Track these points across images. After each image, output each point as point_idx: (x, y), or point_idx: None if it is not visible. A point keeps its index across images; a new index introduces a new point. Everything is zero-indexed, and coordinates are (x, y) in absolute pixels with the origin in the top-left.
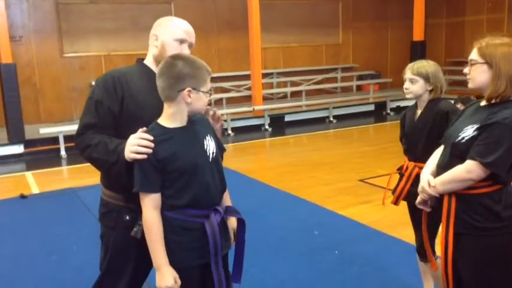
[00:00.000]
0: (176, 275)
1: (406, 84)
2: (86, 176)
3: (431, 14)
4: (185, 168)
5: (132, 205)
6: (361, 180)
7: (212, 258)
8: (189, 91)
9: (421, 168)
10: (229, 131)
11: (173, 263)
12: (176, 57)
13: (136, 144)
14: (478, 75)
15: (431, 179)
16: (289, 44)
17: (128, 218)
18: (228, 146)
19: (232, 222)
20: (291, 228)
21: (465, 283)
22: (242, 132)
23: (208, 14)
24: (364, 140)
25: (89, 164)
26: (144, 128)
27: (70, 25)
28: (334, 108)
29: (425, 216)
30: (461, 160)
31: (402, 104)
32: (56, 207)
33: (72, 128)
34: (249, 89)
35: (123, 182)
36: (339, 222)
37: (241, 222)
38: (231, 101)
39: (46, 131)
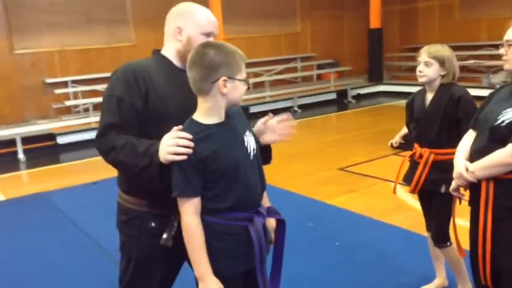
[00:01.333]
0: (221, 286)
1: (421, 67)
2: (50, 179)
3: (386, 1)
4: (227, 168)
5: (158, 210)
6: (341, 169)
7: (258, 265)
8: (225, 80)
9: (437, 154)
10: None
11: (217, 271)
12: (206, 45)
13: (174, 144)
14: None
15: (469, 165)
16: (250, 34)
17: (153, 224)
18: None
19: (271, 221)
20: None
21: (506, 271)
22: None
23: (166, 6)
24: (332, 129)
25: (52, 166)
26: (180, 126)
27: (20, 20)
28: (298, 98)
29: (455, 203)
30: (502, 144)
31: (362, 91)
32: (28, 214)
33: (30, 129)
34: None
35: (156, 186)
36: (331, 212)
37: (281, 223)
38: None
39: (1, 133)
